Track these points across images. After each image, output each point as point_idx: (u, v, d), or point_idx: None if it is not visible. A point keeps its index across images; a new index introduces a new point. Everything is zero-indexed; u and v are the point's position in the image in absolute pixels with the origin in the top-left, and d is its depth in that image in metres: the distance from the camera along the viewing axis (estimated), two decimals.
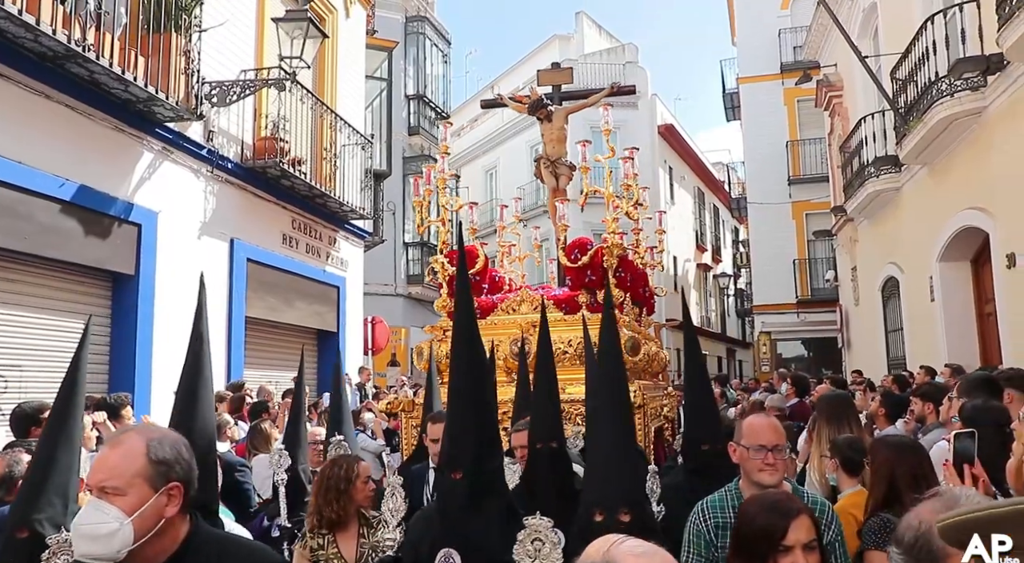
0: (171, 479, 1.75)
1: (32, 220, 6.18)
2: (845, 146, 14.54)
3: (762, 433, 2.74)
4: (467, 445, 2.63)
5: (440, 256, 6.33)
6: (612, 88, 7.67)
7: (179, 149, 7.87)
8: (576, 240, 6.17)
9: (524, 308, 6.07)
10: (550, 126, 7.15)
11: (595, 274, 5.92)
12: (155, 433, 1.82)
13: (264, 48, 9.26)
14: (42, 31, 5.58)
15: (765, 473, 2.69)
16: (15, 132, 5.94)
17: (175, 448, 1.79)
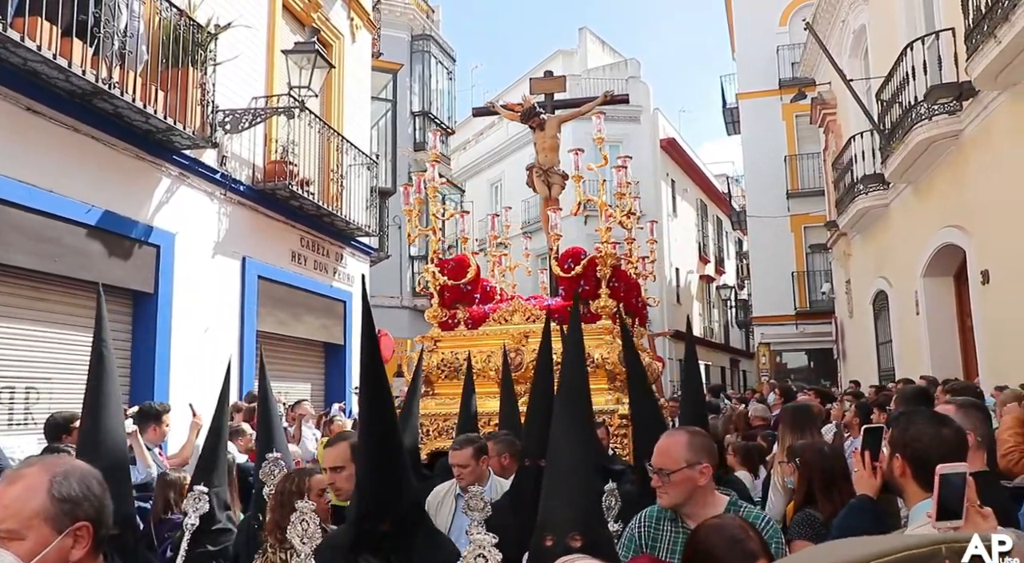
0: (78, 518, 1.55)
1: (61, 243, 6.67)
2: (837, 163, 14.97)
3: (654, 454, 2.66)
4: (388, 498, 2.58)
5: (431, 265, 6.35)
6: (605, 97, 7.69)
7: (195, 174, 8.37)
8: (569, 250, 6.22)
9: (516, 318, 6.13)
10: (543, 135, 7.16)
11: (588, 284, 5.99)
12: (60, 467, 1.60)
13: (274, 76, 9.77)
14: (73, 72, 6.08)
15: (658, 496, 2.63)
16: (47, 163, 6.45)
17: (83, 483, 1.58)
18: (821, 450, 3.51)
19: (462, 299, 6.42)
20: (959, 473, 1.62)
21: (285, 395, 9.34)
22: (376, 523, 2.54)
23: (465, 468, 3.95)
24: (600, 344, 5.72)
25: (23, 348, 6.48)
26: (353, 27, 12.45)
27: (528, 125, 7.31)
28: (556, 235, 6.28)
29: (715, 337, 30.28)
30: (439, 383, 6.15)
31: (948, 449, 2.03)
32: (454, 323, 6.36)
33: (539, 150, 7.20)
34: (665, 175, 26.52)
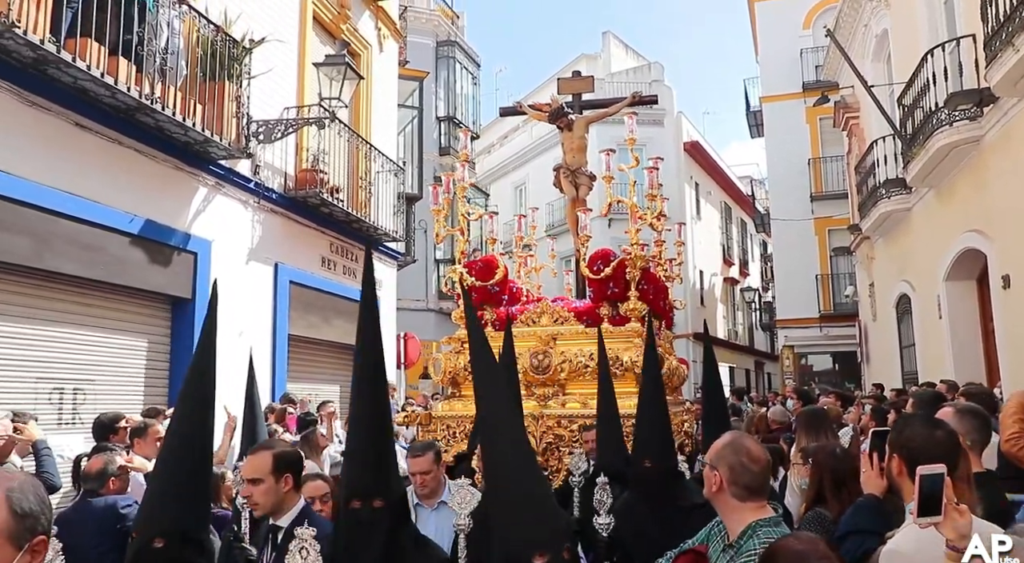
0: (36, 533, 1.52)
1: (105, 252, 6.99)
2: (860, 166, 15.01)
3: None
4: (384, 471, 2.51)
5: (458, 266, 6.24)
6: (633, 97, 7.54)
7: (230, 183, 8.67)
8: (599, 251, 6.10)
9: (544, 320, 6.01)
10: (570, 135, 7.05)
11: (617, 286, 5.88)
12: (13, 479, 1.57)
13: (305, 87, 10.06)
14: (118, 89, 6.39)
15: None
16: (93, 176, 6.77)
17: (37, 495, 1.56)
18: (832, 451, 3.67)
19: (489, 300, 6.33)
20: (938, 473, 1.80)
21: (315, 396, 9.63)
22: (368, 500, 2.43)
23: (427, 474, 3.85)
24: (629, 347, 5.66)
25: (71, 351, 6.80)
26: (380, 37, 12.74)
27: (556, 125, 7.23)
28: (585, 237, 6.17)
29: (739, 339, 30.27)
30: (466, 385, 6.02)
31: (940, 450, 2.21)
32: (481, 324, 6.34)
33: (567, 151, 7.11)
34: (689, 178, 26.60)
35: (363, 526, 2.43)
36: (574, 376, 5.68)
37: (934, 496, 1.77)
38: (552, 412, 5.50)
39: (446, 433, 5.74)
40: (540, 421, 5.38)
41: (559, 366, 5.67)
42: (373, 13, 12.45)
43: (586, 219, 6.25)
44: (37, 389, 6.47)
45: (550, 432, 5.43)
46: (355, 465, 2.52)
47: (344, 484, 2.56)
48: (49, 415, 6.54)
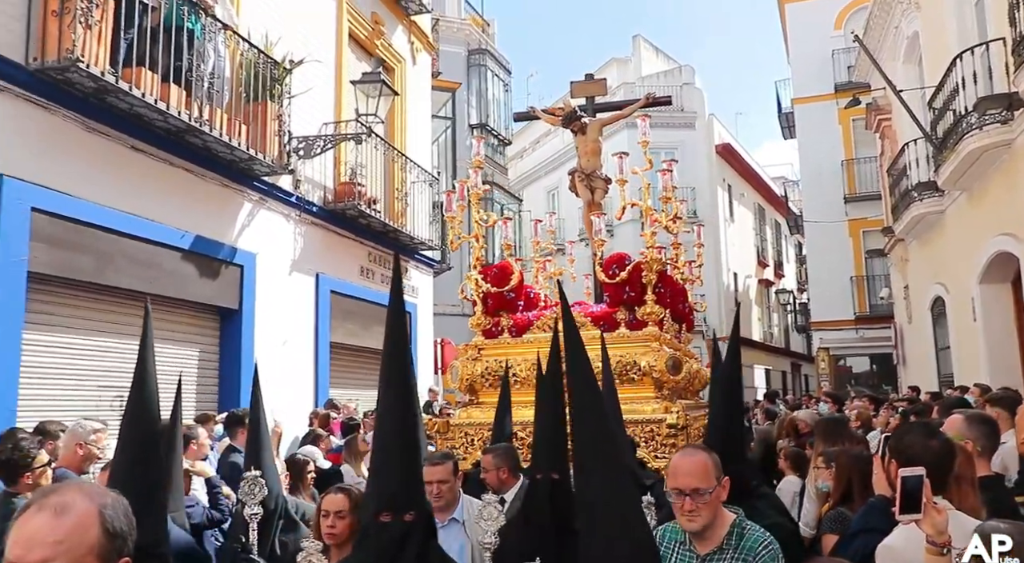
0: (123, 555, 1.47)
1: (159, 267, 7.39)
2: (892, 168, 15.00)
3: (680, 475, 2.55)
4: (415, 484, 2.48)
5: (473, 272, 6.19)
6: (647, 99, 7.49)
7: (273, 198, 9.04)
8: (614, 255, 6.03)
9: (562, 325, 6.12)
10: (584, 139, 6.97)
11: (634, 290, 5.79)
12: (105, 496, 1.50)
13: (342, 103, 10.42)
14: (170, 113, 6.77)
15: (683, 519, 2.56)
16: (147, 195, 7.16)
17: (127, 515, 1.50)
18: (858, 455, 3.86)
19: (505, 306, 6.29)
20: (917, 475, 2.01)
21: (357, 403, 9.96)
22: (400, 513, 2.37)
23: (444, 484, 3.75)
24: (647, 352, 5.56)
25: (129, 361, 7.17)
26: (413, 50, 13.07)
27: (569, 129, 7.14)
28: (600, 241, 6.10)
29: (775, 341, 30.17)
30: (483, 392, 6.02)
31: (933, 457, 2.42)
32: (498, 331, 6.23)
33: (581, 154, 7.04)
34: (721, 180, 26.62)
35: (394, 541, 2.35)
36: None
37: (914, 496, 1.99)
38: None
39: (464, 441, 5.70)
40: None
41: None
42: (406, 28, 12.79)
43: (600, 223, 6.20)
44: (100, 396, 6.86)
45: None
46: (384, 477, 2.45)
47: (373, 496, 2.47)
48: (111, 421, 6.91)
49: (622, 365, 5.52)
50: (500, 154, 22.23)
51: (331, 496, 3.30)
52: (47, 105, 6.10)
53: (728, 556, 2.56)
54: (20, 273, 5.87)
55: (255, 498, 3.31)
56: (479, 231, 6.47)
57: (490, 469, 4.26)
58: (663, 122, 25.50)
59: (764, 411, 9.95)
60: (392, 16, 12.29)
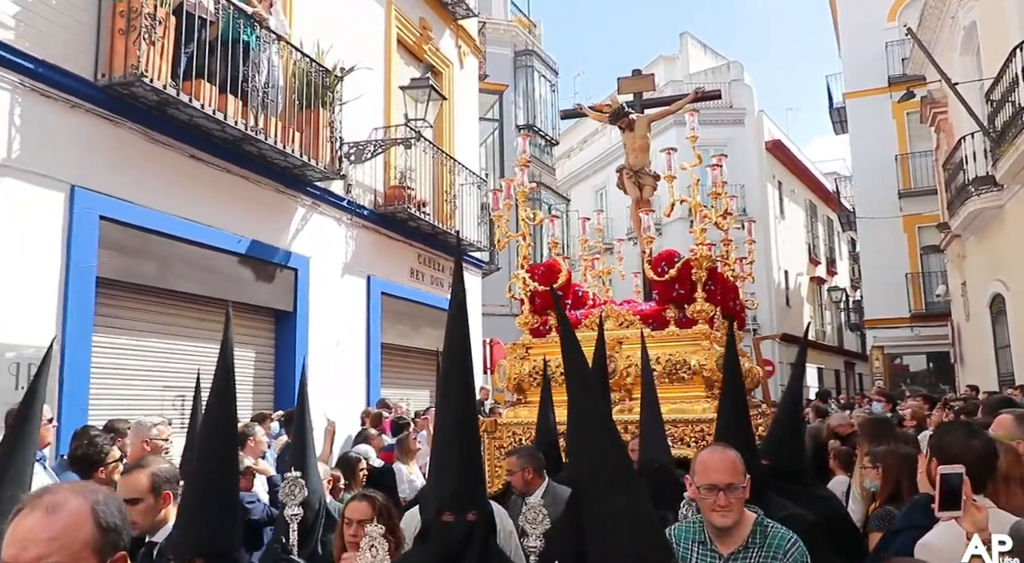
0: (119, 548, 1.50)
1: (218, 271, 7.66)
2: (948, 163, 14.67)
3: (714, 471, 2.56)
4: (476, 482, 2.47)
5: (520, 271, 6.14)
6: (696, 93, 7.41)
7: (325, 203, 9.28)
8: (663, 252, 5.96)
9: (609, 324, 5.79)
10: (632, 135, 6.84)
11: (683, 288, 5.70)
12: (97, 493, 1.54)
13: (392, 108, 10.63)
14: (227, 123, 7.03)
15: (717, 515, 2.55)
16: (206, 202, 7.43)
17: (120, 510, 1.54)
18: (907, 454, 3.86)
19: (553, 305, 6.05)
20: (957, 473, 2.05)
21: (408, 403, 10.15)
22: (462, 513, 2.38)
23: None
24: (697, 350, 5.48)
25: (190, 362, 7.46)
26: (461, 54, 13.24)
27: (617, 126, 7.03)
28: (649, 238, 6.00)
29: (827, 340, 29.65)
30: (531, 391, 5.93)
31: (974, 456, 2.44)
32: (545, 329, 6.16)
33: (629, 151, 6.92)
34: (771, 177, 26.28)
35: (456, 541, 2.36)
36: (640, 381, 5.47)
37: (954, 493, 2.03)
38: (618, 418, 5.18)
39: (512, 440, 5.71)
40: None
41: (625, 371, 5.54)
42: (453, 32, 12.96)
43: (649, 220, 6.08)
44: (163, 397, 7.16)
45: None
46: (446, 476, 2.44)
47: (434, 496, 2.47)
48: (174, 420, 7.21)
49: (672, 364, 5.48)
50: (547, 154, 22.31)
51: (355, 503, 3.28)
52: (114, 119, 6.40)
53: (753, 555, 2.57)
54: (89, 279, 6.17)
55: (296, 499, 3.30)
56: (526, 230, 6.43)
57: (515, 471, 4.25)
58: (712, 119, 25.28)
59: (815, 410, 9.85)
60: (439, 21, 12.47)
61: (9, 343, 5.52)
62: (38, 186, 5.80)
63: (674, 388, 5.46)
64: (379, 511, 3.20)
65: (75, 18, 6.09)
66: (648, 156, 6.90)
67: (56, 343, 5.50)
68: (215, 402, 2.54)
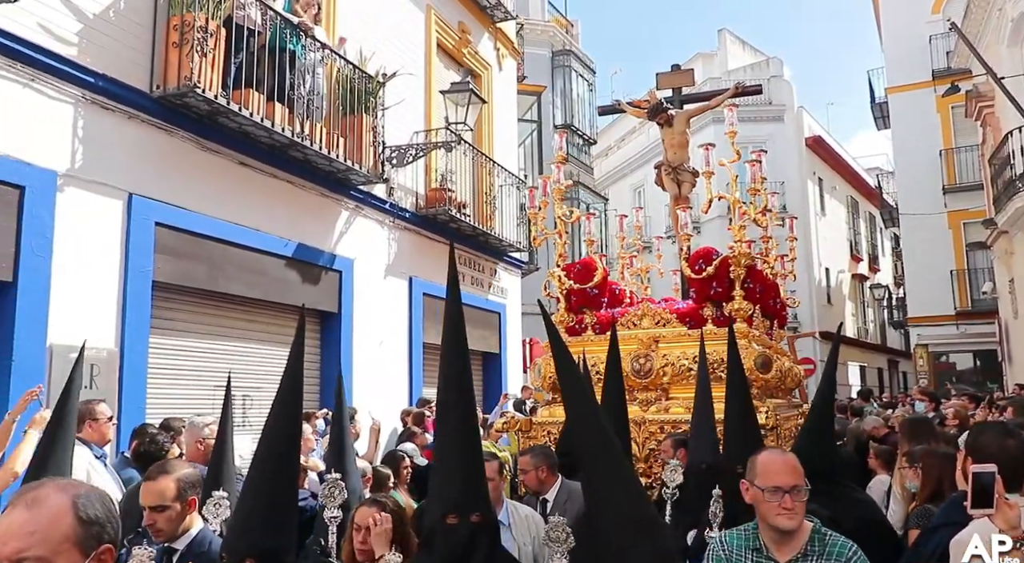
0: (102, 541, 1.50)
1: (266, 274, 7.89)
2: (994, 158, 14.43)
3: (778, 473, 2.50)
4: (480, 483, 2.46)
5: (556, 269, 6.10)
6: (736, 88, 7.28)
7: (368, 206, 9.48)
8: (700, 250, 5.90)
9: (645, 322, 5.81)
10: (671, 131, 6.79)
11: (721, 285, 5.63)
12: (80, 487, 1.56)
13: (432, 111, 10.80)
14: (275, 130, 7.24)
15: (783, 517, 2.47)
16: (254, 207, 7.66)
17: (104, 504, 1.54)
18: (947, 454, 3.89)
19: (589, 303, 6.18)
20: (989, 472, 2.12)
21: None
22: (467, 515, 2.37)
23: (491, 481, 3.59)
24: None
25: (240, 362, 7.71)
26: (499, 56, 13.38)
27: (656, 122, 6.98)
28: (686, 235, 5.97)
29: (870, 338, 29.25)
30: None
31: (1008, 456, 2.50)
32: (581, 328, 6.14)
33: (667, 147, 6.86)
34: (812, 174, 26.00)
35: (461, 543, 2.35)
36: (677, 380, 5.51)
37: (986, 491, 2.09)
38: (655, 418, 5.38)
39: (547, 439, 5.68)
40: (642, 427, 5.26)
41: (661, 370, 5.53)
42: (492, 35, 13.10)
43: (686, 217, 6.04)
44: (215, 396, 7.38)
45: (652, 438, 5.30)
46: (449, 478, 2.43)
47: (437, 499, 2.46)
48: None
49: (709, 363, 5.19)
50: (585, 153, 22.34)
51: (364, 509, 3.19)
52: (168, 128, 6.64)
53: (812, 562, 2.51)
54: (146, 283, 6.42)
55: (335, 500, 3.24)
56: (562, 227, 6.37)
57: (528, 469, 4.19)
58: (751, 116, 25.09)
59: (852, 410, 9.82)
60: (478, 24, 12.62)
61: (73, 345, 5.76)
62: (98, 194, 6.06)
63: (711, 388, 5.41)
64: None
65: (132, 33, 6.35)
66: (687, 152, 6.82)
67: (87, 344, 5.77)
68: (281, 406, 2.57)
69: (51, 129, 5.69)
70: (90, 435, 4.60)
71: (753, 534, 2.62)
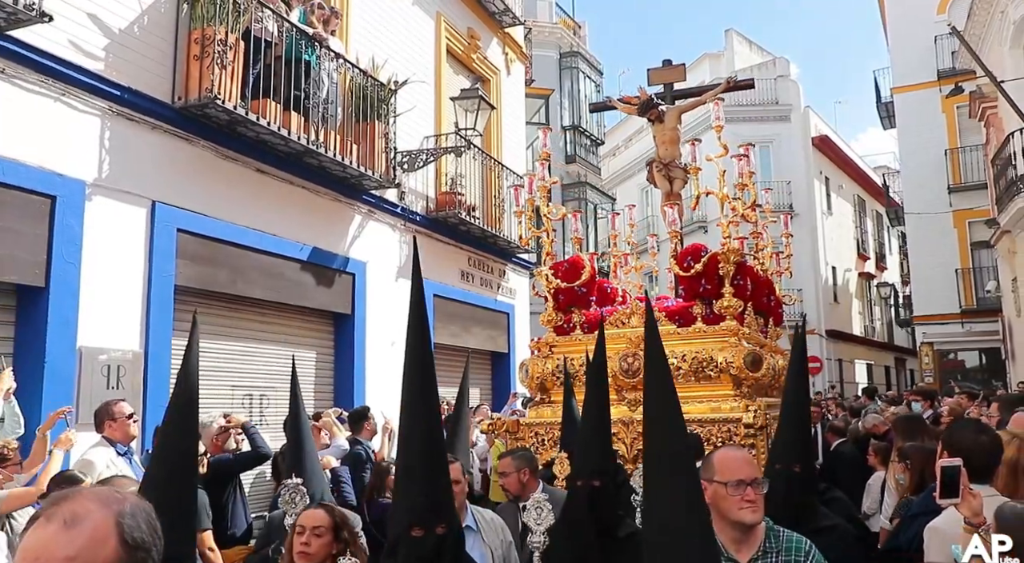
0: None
1: (282, 277, 8.14)
2: (997, 158, 14.58)
3: (739, 467, 2.46)
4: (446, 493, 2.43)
5: (544, 267, 6.06)
6: (728, 83, 7.26)
7: (380, 210, 9.72)
8: (689, 246, 5.83)
9: (634, 321, 5.66)
10: (662, 127, 6.74)
11: (710, 283, 5.54)
12: (123, 502, 1.32)
13: (442, 117, 11.04)
14: (291, 139, 7.49)
15: (747, 511, 2.43)
16: (271, 212, 7.91)
17: (149, 523, 1.34)
18: (931, 449, 4.11)
19: (577, 302, 6.09)
20: (955, 465, 2.34)
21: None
22: (432, 526, 2.32)
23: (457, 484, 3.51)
24: (724, 347, 5.31)
25: (258, 363, 7.98)
26: (508, 61, 13.61)
27: (646, 118, 6.93)
28: (674, 232, 5.91)
29: (877, 336, 29.37)
30: (555, 390, 5.76)
31: (982, 451, 2.72)
32: (570, 327, 6.03)
33: (659, 143, 6.81)
34: (818, 173, 26.14)
35: (426, 556, 2.32)
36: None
37: (953, 483, 2.32)
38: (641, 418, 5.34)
39: (535, 440, 5.61)
40: (630, 427, 5.21)
41: None
42: (500, 40, 13.33)
43: (674, 213, 5.98)
44: (233, 395, 7.66)
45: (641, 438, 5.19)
46: (415, 489, 2.37)
47: (402, 511, 2.40)
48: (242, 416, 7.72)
49: (698, 361, 5.38)
50: (593, 154, 22.56)
51: (311, 511, 3.06)
52: (189, 138, 6.90)
53: (772, 560, 2.48)
54: (169, 287, 6.68)
55: (296, 507, 3.13)
56: (549, 225, 6.28)
57: (511, 472, 4.13)
58: (758, 116, 25.27)
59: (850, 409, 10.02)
60: (487, 30, 12.85)
61: (101, 347, 6.04)
62: (123, 202, 6.32)
63: (700, 387, 5.37)
64: (337, 522, 3.04)
65: (155, 47, 6.61)
66: (678, 148, 6.78)
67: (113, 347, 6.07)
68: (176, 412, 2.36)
69: (80, 141, 5.96)
70: (112, 433, 4.87)
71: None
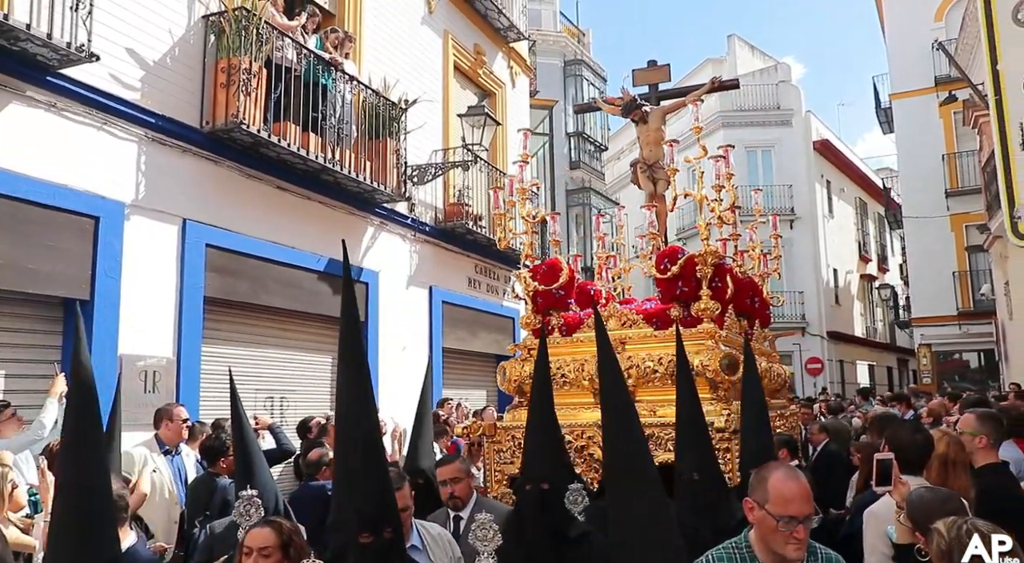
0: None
1: (300, 287, 8.66)
2: (987, 165, 15.00)
3: (793, 502, 2.33)
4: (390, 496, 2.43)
5: (523, 270, 6.06)
6: (712, 83, 7.28)
7: (391, 222, 10.24)
8: (667, 249, 5.77)
9: (612, 324, 5.57)
10: (646, 128, 6.69)
11: (687, 285, 5.46)
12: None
13: (450, 131, 11.55)
14: (309, 158, 8.01)
15: (791, 547, 2.33)
16: (290, 226, 8.43)
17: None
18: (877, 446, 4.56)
19: (555, 305, 6.04)
20: (888, 458, 2.84)
21: (466, 401, 11.03)
22: (380, 531, 2.32)
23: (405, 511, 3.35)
24: (700, 350, 5.16)
25: (278, 368, 8.50)
26: (513, 74, 14.11)
27: (630, 119, 6.90)
28: (653, 233, 5.92)
29: (879, 337, 29.77)
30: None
31: (915, 447, 3.21)
32: (548, 330, 5.85)
33: (643, 144, 6.78)
34: (820, 176, 26.55)
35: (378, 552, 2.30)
36: (642, 383, 5.36)
37: (887, 473, 2.81)
38: None
39: (512, 444, 5.51)
40: None
41: (626, 372, 5.23)
42: (505, 54, 13.83)
43: (652, 215, 5.99)
44: (256, 398, 8.17)
45: None
46: (360, 495, 2.34)
47: (350, 518, 2.36)
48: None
49: (674, 365, 5.09)
50: (596, 160, 23.03)
51: (256, 530, 2.86)
52: (216, 159, 7.43)
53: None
54: (198, 298, 7.20)
55: (251, 519, 2.96)
56: (528, 227, 6.31)
57: (461, 477, 3.94)
58: (760, 120, 25.72)
59: (827, 407, 10.48)
60: (492, 46, 13.36)
61: (138, 354, 6.57)
62: (157, 221, 6.86)
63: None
64: (284, 540, 2.84)
65: (185, 76, 7.14)
66: (662, 149, 6.67)
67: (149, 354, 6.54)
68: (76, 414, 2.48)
69: (119, 165, 6.50)
70: (164, 432, 5.38)
71: (747, 554, 2.46)
